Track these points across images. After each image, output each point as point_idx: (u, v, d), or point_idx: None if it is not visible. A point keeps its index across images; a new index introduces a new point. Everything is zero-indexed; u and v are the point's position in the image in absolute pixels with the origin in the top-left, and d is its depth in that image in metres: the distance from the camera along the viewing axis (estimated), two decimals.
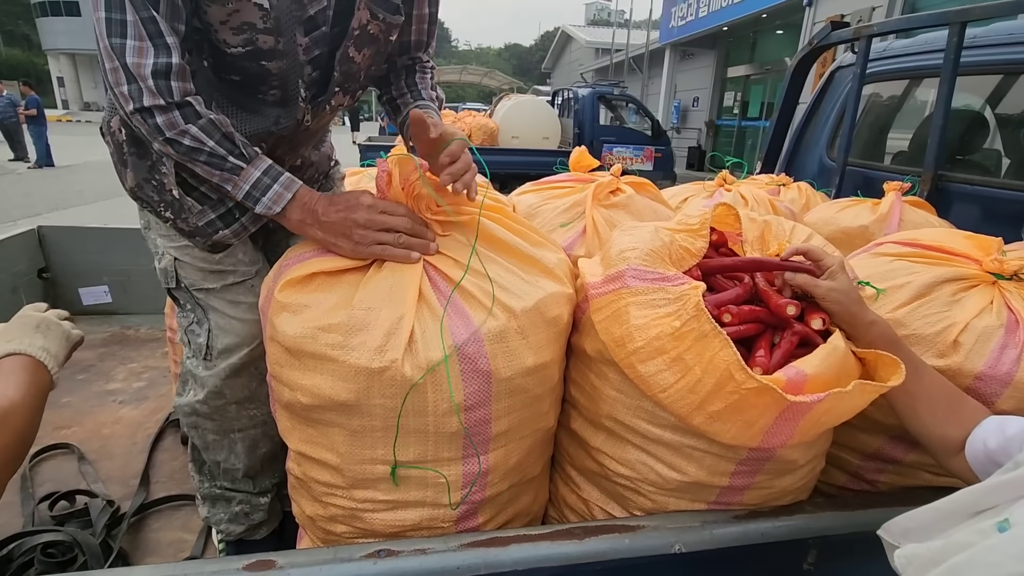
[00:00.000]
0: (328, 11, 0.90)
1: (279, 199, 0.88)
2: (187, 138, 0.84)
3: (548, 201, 1.43)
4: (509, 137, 8.58)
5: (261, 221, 1.03)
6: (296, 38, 0.89)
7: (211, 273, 1.06)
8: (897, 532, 0.58)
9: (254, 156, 0.88)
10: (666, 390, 0.77)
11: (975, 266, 0.99)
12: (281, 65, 0.91)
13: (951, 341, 0.91)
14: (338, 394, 0.78)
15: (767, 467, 0.85)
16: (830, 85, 2.53)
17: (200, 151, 0.85)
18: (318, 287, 0.85)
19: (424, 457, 0.83)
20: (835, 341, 0.80)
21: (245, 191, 0.87)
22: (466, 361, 0.79)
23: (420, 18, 1.09)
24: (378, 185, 0.88)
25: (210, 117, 0.85)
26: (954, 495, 0.55)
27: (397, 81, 1.16)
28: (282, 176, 0.89)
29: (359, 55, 0.97)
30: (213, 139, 0.85)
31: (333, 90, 0.99)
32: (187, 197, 0.96)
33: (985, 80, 2.12)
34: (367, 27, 0.94)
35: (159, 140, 0.84)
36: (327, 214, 0.87)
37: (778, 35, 12.91)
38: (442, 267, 0.86)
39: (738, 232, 1.00)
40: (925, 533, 0.55)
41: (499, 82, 21.15)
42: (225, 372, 1.07)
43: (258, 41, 0.87)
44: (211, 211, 0.99)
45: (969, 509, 0.53)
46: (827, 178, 2.34)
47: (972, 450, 0.73)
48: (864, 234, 1.59)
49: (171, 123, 0.83)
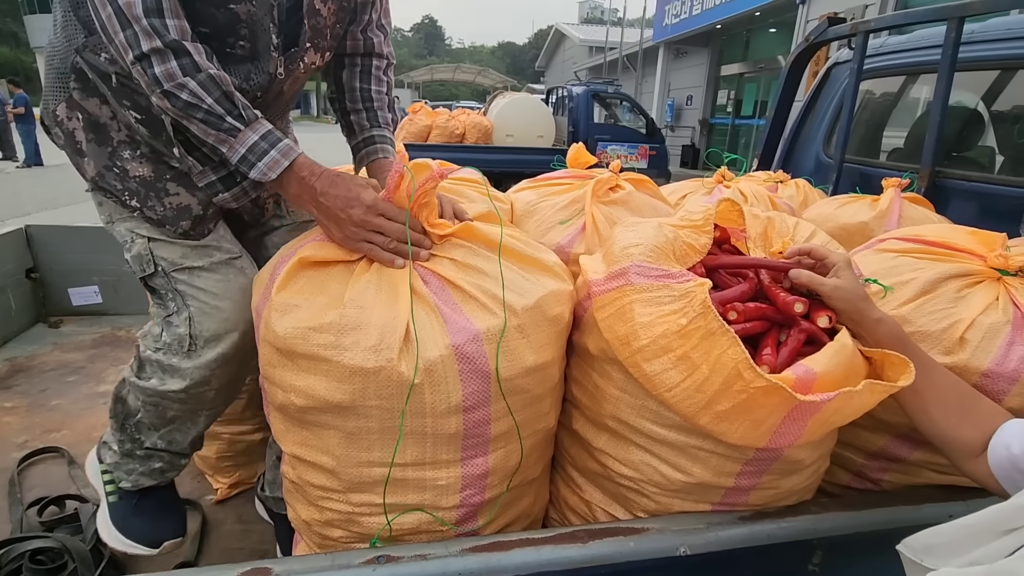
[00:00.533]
0: None
1: (275, 165, 0.84)
2: (185, 92, 0.80)
3: (546, 198, 1.41)
4: (503, 135, 8.55)
5: (262, 188, 0.99)
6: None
7: (194, 249, 0.99)
8: (919, 548, 0.54)
9: (253, 119, 0.85)
10: (672, 389, 0.75)
11: (979, 262, 0.98)
12: (250, 8, 0.87)
13: (957, 338, 0.90)
14: (333, 395, 0.76)
15: (774, 467, 0.84)
16: (826, 82, 2.52)
17: (197, 108, 0.81)
18: (307, 285, 0.82)
19: (422, 459, 0.81)
20: (843, 339, 0.78)
21: (241, 154, 0.84)
22: (464, 361, 0.76)
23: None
24: (388, 184, 0.85)
25: (210, 72, 0.82)
26: (982, 512, 0.51)
27: (351, 82, 1.13)
28: (281, 142, 0.85)
29: (324, 7, 0.95)
30: (212, 96, 0.81)
31: (305, 44, 0.95)
32: (189, 156, 0.92)
33: (980, 76, 2.11)
34: None
35: (156, 92, 0.81)
36: (325, 196, 0.84)
37: (771, 33, 12.95)
38: (437, 268, 0.84)
39: (741, 228, 0.99)
40: (950, 550, 0.52)
41: (493, 80, 21.12)
42: (215, 363, 1.00)
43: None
44: (212, 172, 0.94)
45: (999, 527, 0.50)
46: (824, 175, 2.33)
47: (995, 455, 0.71)
48: (864, 230, 1.58)
49: (169, 74, 0.79)
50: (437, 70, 25.71)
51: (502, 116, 8.62)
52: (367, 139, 1.13)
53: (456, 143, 8.16)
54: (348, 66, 1.13)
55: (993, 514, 0.51)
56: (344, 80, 1.14)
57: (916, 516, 0.91)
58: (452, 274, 0.83)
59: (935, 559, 0.52)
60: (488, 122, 8.56)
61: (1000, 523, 0.50)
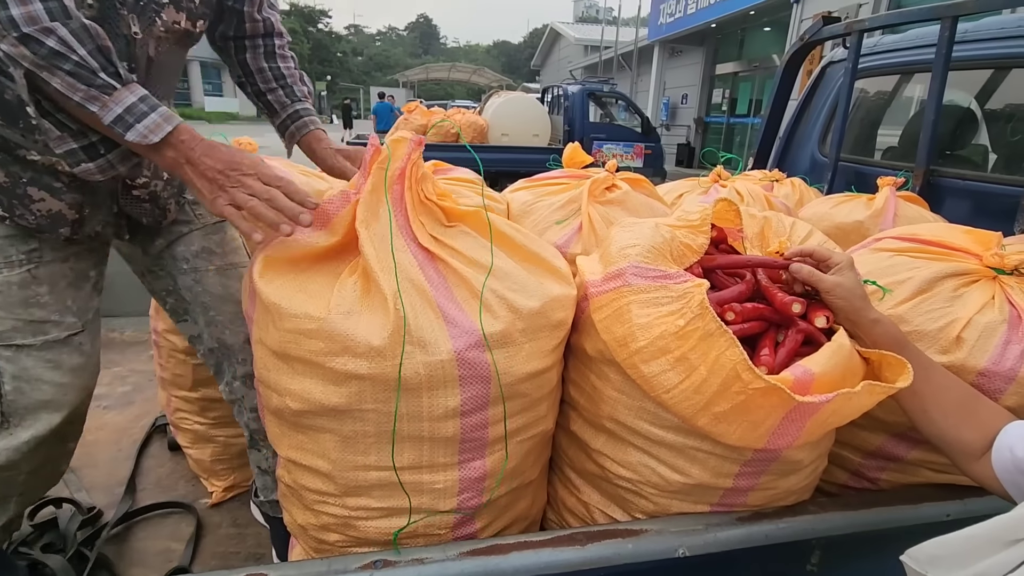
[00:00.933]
0: None
1: (157, 129, 0.76)
2: (52, 39, 0.69)
3: (543, 198, 1.41)
4: (499, 134, 8.53)
5: (131, 160, 0.87)
6: None
7: (28, 324, 0.89)
8: (924, 560, 0.53)
9: (131, 80, 0.76)
10: (670, 391, 0.75)
11: (975, 261, 0.98)
12: None
13: (954, 337, 0.90)
14: (328, 399, 0.75)
15: (772, 468, 0.84)
16: (821, 81, 2.53)
17: (65, 58, 0.70)
18: (287, 285, 0.77)
19: (419, 463, 0.81)
20: (840, 339, 0.78)
21: (116, 114, 0.74)
22: (465, 366, 0.75)
23: None
24: (364, 158, 0.81)
25: (83, 21, 0.71)
26: (988, 522, 0.50)
27: (257, 63, 1.12)
28: (160, 107, 0.77)
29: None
30: (85, 48, 0.71)
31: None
32: (44, 119, 0.77)
33: (973, 75, 2.12)
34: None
35: (10, 38, 0.68)
36: (207, 156, 0.78)
37: (766, 32, 12.98)
38: (442, 256, 0.81)
39: (738, 228, 0.98)
40: (955, 562, 0.51)
41: (488, 79, 21.10)
42: (27, 445, 0.90)
43: None
44: (72, 140, 0.80)
45: (1005, 537, 0.49)
46: (819, 174, 2.34)
47: (999, 459, 0.70)
48: (859, 229, 1.58)
49: (30, 17, 0.67)
50: (432, 69, 25.66)
51: (498, 115, 8.60)
52: (292, 114, 1.14)
53: (451, 142, 8.15)
54: (250, 48, 1.13)
55: (999, 524, 0.50)
56: (249, 63, 1.13)
57: (914, 515, 0.91)
58: (458, 266, 0.80)
59: (940, 570, 0.51)
60: (484, 121, 8.54)
61: (1006, 533, 0.49)
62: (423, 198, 0.83)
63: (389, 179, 0.77)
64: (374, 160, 0.78)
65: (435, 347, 0.74)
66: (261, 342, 0.80)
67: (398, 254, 0.76)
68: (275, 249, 0.78)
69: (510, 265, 0.84)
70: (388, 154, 0.77)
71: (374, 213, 0.77)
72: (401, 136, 0.78)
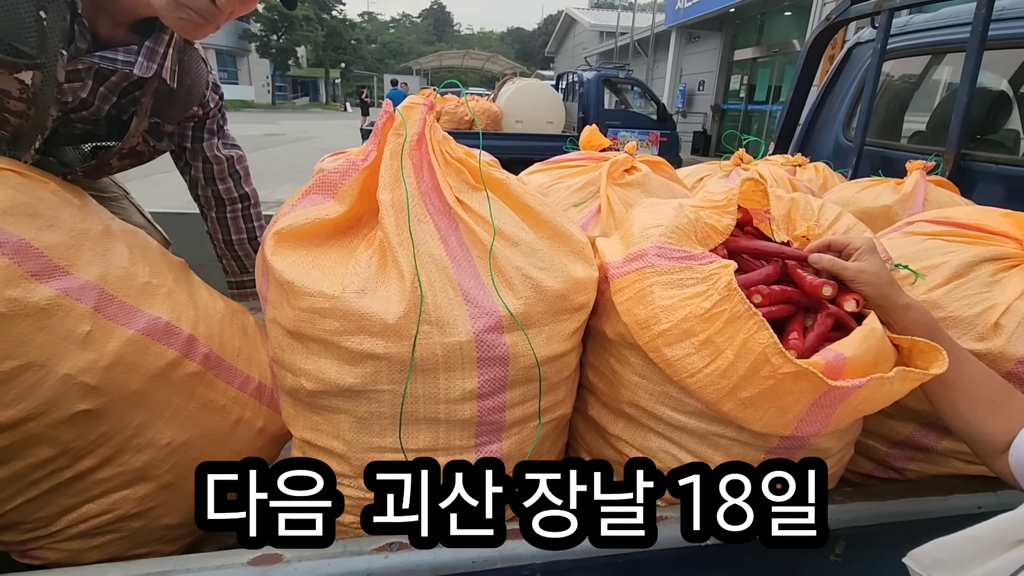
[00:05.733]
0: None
1: None
2: None
3: (560, 180, 1.38)
4: (513, 121, 8.46)
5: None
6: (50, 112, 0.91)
7: None
8: (927, 562, 0.51)
9: None
10: (695, 375, 0.73)
11: (1015, 245, 0.94)
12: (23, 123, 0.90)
13: (992, 323, 0.86)
14: (344, 379, 0.73)
15: (798, 456, 0.81)
16: (847, 63, 2.45)
17: None
18: (299, 262, 0.75)
19: (435, 445, 0.79)
20: (872, 323, 0.75)
21: None
22: (484, 348, 0.73)
23: None
24: (376, 127, 0.78)
25: None
26: (990, 522, 0.49)
27: (214, 234, 1.28)
28: None
29: (120, 163, 1.05)
30: None
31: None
32: None
33: (1008, 55, 2.04)
34: (136, 147, 1.02)
35: None
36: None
37: (786, 16, 12.68)
38: (470, 221, 0.77)
39: (765, 210, 0.95)
40: (960, 564, 0.49)
41: (502, 67, 20.92)
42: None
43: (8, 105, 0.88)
44: None
45: (1010, 538, 0.47)
46: (843, 158, 2.27)
47: (1016, 453, 0.68)
48: (887, 214, 1.53)
49: None
50: (446, 56, 25.50)
51: (512, 102, 8.52)
52: (240, 283, 1.32)
53: (465, 129, 8.10)
54: (207, 219, 1.27)
55: (1002, 524, 0.48)
56: (208, 228, 1.30)
57: (943, 507, 0.89)
58: (483, 236, 0.76)
59: (943, 573, 0.49)
60: (497, 108, 8.47)
61: (1010, 534, 0.47)
62: (450, 157, 0.80)
63: (407, 146, 0.74)
64: (388, 128, 0.75)
65: (454, 328, 0.72)
66: (275, 321, 0.79)
67: (419, 225, 0.73)
68: (286, 224, 0.77)
69: (536, 240, 0.81)
70: (403, 120, 0.75)
71: (397, 180, 0.74)
72: (412, 102, 0.76)
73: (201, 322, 1.01)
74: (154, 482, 0.96)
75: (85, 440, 0.86)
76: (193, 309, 1.01)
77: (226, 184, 1.27)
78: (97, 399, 0.84)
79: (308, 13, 39.56)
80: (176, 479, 0.97)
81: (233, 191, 1.28)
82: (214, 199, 1.28)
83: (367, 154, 0.77)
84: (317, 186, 0.79)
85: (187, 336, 0.96)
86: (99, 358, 0.83)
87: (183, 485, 0.97)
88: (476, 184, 0.81)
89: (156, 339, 0.91)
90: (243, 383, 1.06)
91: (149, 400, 0.91)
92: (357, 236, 0.79)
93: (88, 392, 0.83)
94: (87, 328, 0.83)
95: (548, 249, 0.82)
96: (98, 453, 0.88)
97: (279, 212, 0.82)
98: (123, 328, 0.87)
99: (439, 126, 0.80)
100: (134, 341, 0.87)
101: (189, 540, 1.11)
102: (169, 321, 0.94)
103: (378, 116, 0.82)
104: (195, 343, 0.97)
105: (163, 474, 0.96)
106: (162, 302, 0.95)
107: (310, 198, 0.79)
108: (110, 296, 0.87)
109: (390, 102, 0.78)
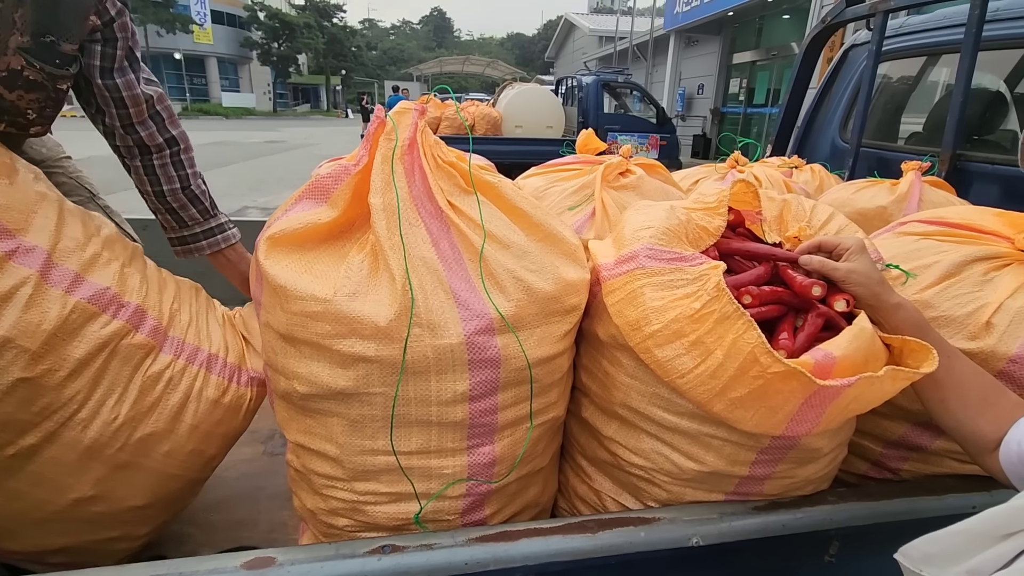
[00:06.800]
0: None
1: None
2: None
3: (555, 184, 1.39)
4: (513, 126, 8.49)
5: None
6: None
7: None
8: (917, 557, 0.51)
9: None
10: (685, 376, 0.73)
11: (1007, 244, 0.94)
12: None
13: (983, 322, 0.86)
14: (336, 382, 0.74)
15: (790, 456, 0.81)
16: (843, 65, 2.46)
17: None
18: (293, 266, 0.76)
19: (427, 447, 0.80)
20: (861, 322, 0.75)
21: None
22: (475, 350, 0.74)
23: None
24: (368, 133, 0.79)
25: None
26: (980, 516, 0.49)
27: (141, 185, 1.12)
28: None
29: (16, 97, 0.92)
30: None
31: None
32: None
33: (1003, 56, 2.04)
34: (22, 71, 0.89)
35: None
36: None
37: (784, 20, 12.72)
38: (461, 224, 0.77)
39: (757, 211, 0.95)
40: (950, 559, 0.49)
41: (502, 72, 20.97)
42: None
43: None
44: None
45: (998, 531, 0.47)
46: (840, 160, 2.28)
47: (1006, 450, 0.68)
48: (882, 215, 1.54)
49: None
50: (446, 62, 25.61)
51: (511, 107, 8.56)
52: (181, 239, 1.18)
53: (466, 135, 8.13)
54: (131, 169, 1.12)
55: (991, 518, 0.48)
56: (130, 169, 1.12)
57: (938, 506, 0.88)
58: (474, 239, 0.77)
59: (934, 568, 0.49)
60: (497, 113, 8.50)
61: (999, 527, 0.47)
62: (441, 161, 0.81)
63: (398, 151, 0.75)
64: (379, 133, 0.76)
65: (444, 330, 0.73)
66: (268, 325, 0.79)
67: (411, 229, 0.74)
68: (279, 229, 0.77)
69: (527, 243, 0.81)
70: (394, 126, 0.75)
71: (388, 185, 0.75)
72: (403, 107, 0.77)
73: (151, 295, 0.99)
74: (107, 462, 0.92)
75: (27, 412, 0.82)
76: (143, 283, 0.98)
77: (148, 129, 1.10)
78: (37, 366, 0.81)
79: (309, 21, 39.80)
80: (132, 458, 0.94)
81: (157, 136, 1.11)
82: (137, 147, 1.11)
83: (359, 159, 0.78)
84: (310, 191, 0.80)
85: (135, 307, 0.93)
86: (41, 322, 0.80)
87: (143, 463, 0.96)
88: (468, 188, 0.82)
89: (102, 308, 0.88)
90: (191, 355, 1.02)
91: (94, 371, 0.88)
92: (349, 240, 0.79)
93: (29, 359, 0.80)
94: (29, 292, 0.80)
95: (540, 251, 0.82)
96: (42, 428, 0.84)
97: (272, 217, 0.83)
98: (69, 295, 0.84)
99: (431, 131, 0.81)
100: (79, 308, 0.85)
101: (162, 520, 1.10)
102: (117, 292, 0.91)
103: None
104: (143, 315, 0.95)
105: (116, 452, 0.92)
106: (111, 274, 0.92)
107: (303, 203, 0.80)
108: (56, 263, 0.85)
109: (382, 108, 0.79)
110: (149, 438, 0.95)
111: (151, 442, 0.95)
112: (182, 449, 1.01)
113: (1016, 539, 0.46)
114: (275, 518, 1.41)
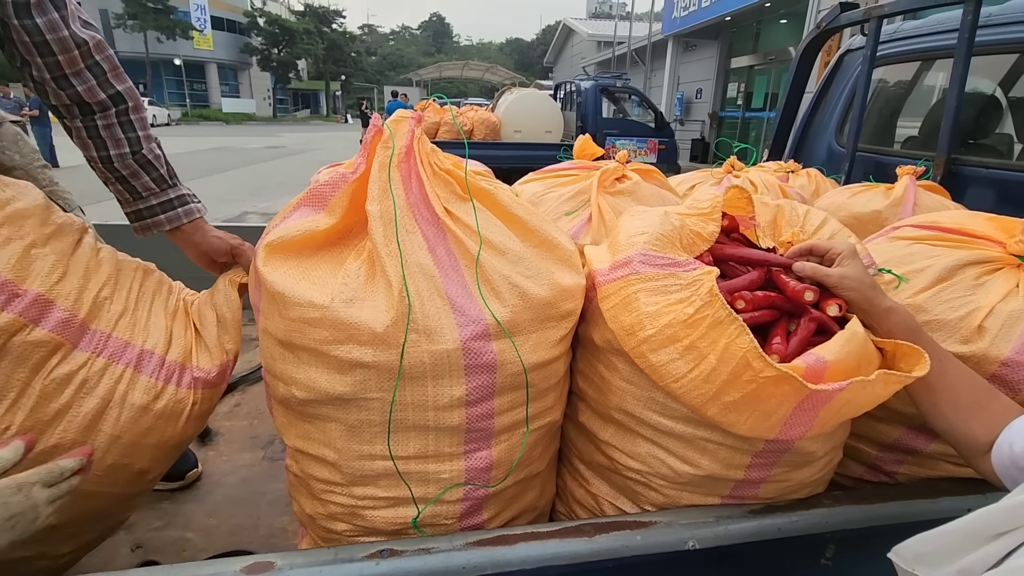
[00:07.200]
0: None
1: None
2: None
3: (552, 189, 1.40)
4: (511, 131, 8.52)
5: None
6: None
7: None
8: (910, 557, 0.52)
9: None
10: (679, 380, 0.74)
11: (999, 248, 0.95)
12: None
13: (976, 326, 0.87)
14: (334, 387, 0.75)
15: (784, 459, 0.82)
16: (839, 70, 2.48)
17: None
18: (291, 273, 0.76)
19: (425, 452, 0.80)
20: (854, 326, 0.76)
21: None
22: (471, 355, 0.75)
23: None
24: (365, 142, 0.79)
25: None
26: (972, 515, 0.49)
27: (86, 151, 0.98)
28: None
29: None
30: None
31: None
32: None
33: (997, 60, 2.06)
34: None
35: None
36: None
37: (782, 24, 12.79)
38: (458, 231, 0.78)
39: (751, 216, 0.96)
40: (941, 558, 0.50)
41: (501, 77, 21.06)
42: None
43: None
44: None
45: (989, 531, 0.48)
46: (836, 164, 2.29)
47: (998, 452, 0.69)
48: (877, 219, 1.55)
49: None
50: (445, 67, 25.71)
51: (510, 112, 8.59)
52: (137, 213, 1.04)
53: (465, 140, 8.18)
54: (73, 132, 0.98)
55: (982, 517, 0.49)
56: (73, 134, 0.99)
57: (933, 509, 0.89)
58: (471, 246, 0.78)
59: (926, 567, 0.50)
60: (496, 118, 8.54)
61: (990, 527, 0.48)
62: (438, 168, 0.82)
63: (395, 159, 0.76)
64: (376, 141, 0.77)
65: (441, 336, 0.73)
66: (267, 331, 0.80)
67: (408, 236, 0.75)
68: (277, 236, 0.78)
69: (523, 249, 0.82)
70: (391, 134, 0.76)
71: (385, 192, 0.75)
72: (400, 115, 0.78)
73: (67, 282, 0.83)
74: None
75: None
76: (56, 267, 0.82)
77: (86, 83, 0.93)
78: None
79: (309, 26, 39.98)
80: None
81: (99, 91, 0.94)
82: (76, 105, 0.95)
83: (356, 167, 0.79)
84: (307, 198, 0.81)
85: (34, 297, 0.78)
86: None
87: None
88: (464, 195, 0.83)
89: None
90: (116, 352, 0.87)
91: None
92: (347, 247, 0.80)
93: None
94: None
95: (535, 257, 0.83)
96: None
97: (271, 224, 0.84)
98: None
99: (427, 138, 0.82)
100: None
101: (90, 536, 0.98)
102: (10, 279, 0.76)
103: None
104: (48, 306, 0.80)
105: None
106: (4, 258, 0.77)
107: (301, 210, 0.81)
108: None
109: (379, 116, 0.80)
110: (53, 451, 0.79)
111: (55, 456, 0.74)
112: (99, 463, 0.85)
113: (1006, 538, 0.47)
114: (274, 523, 1.41)
